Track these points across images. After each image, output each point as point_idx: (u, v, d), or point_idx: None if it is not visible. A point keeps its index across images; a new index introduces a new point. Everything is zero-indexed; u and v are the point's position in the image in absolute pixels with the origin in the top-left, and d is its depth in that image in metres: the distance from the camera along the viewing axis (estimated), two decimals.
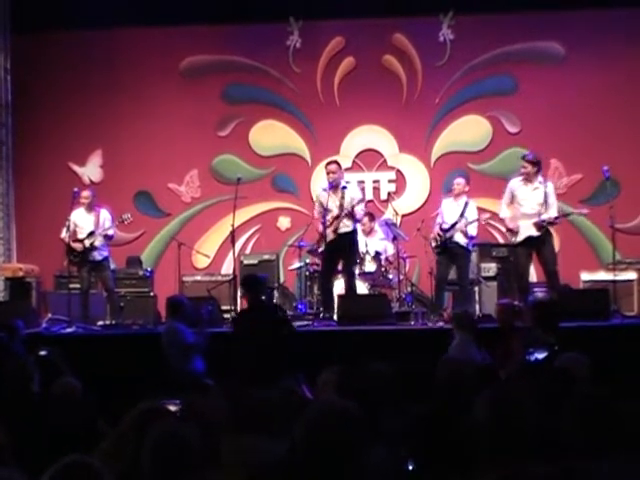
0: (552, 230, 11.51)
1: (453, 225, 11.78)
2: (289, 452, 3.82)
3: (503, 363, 8.26)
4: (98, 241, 12.13)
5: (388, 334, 10.73)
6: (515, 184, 11.57)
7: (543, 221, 11.26)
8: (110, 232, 12.22)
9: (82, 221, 12.27)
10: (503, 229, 12.76)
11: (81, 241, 12.11)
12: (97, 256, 12.18)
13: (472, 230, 11.91)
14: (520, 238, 11.36)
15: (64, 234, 12.19)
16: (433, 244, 11.94)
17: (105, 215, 12.34)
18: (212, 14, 14.49)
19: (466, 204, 11.92)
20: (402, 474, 4.01)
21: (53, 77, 15.05)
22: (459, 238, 11.82)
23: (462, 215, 11.81)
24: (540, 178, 11.49)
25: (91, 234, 12.11)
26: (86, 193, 12.44)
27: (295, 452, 3.67)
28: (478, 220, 12.00)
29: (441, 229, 11.84)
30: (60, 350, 8.03)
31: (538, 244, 11.33)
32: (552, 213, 11.39)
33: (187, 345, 9.50)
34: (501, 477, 2.90)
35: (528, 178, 11.43)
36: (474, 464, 3.23)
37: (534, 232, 11.31)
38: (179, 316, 9.75)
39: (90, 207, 12.32)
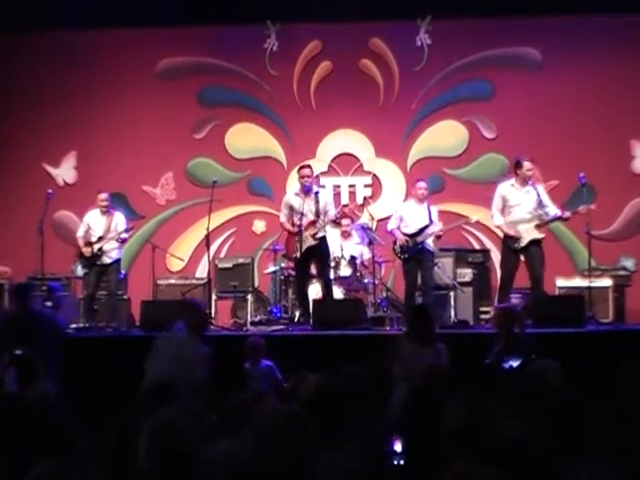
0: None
1: (422, 230, 11.68)
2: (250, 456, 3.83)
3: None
4: (107, 245, 12.10)
5: (363, 339, 10.70)
6: (506, 189, 11.48)
7: (551, 220, 11.42)
8: (123, 235, 12.23)
9: (95, 223, 12.29)
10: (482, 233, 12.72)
11: (91, 244, 12.11)
12: (106, 259, 12.16)
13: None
14: (524, 242, 11.26)
15: (80, 234, 12.28)
16: (398, 249, 11.79)
17: (118, 219, 12.34)
18: (189, 16, 14.40)
19: (429, 208, 11.83)
20: (380, 475, 4.02)
21: (27, 78, 14.94)
22: (430, 243, 11.75)
23: (431, 220, 11.72)
24: (529, 181, 11.44)
25: (100, 239, 12.06)
26: (103, 196, 12.37)
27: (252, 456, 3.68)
28: (467, 222, 12.13)
29: (407, 235, 11.71)
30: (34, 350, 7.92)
31: (529, 249, 11.28)
32: (552, 211, 11.37)
33: (205, 356, 8.05)
34: (454, 476, 2.91)
35: (522, 182, 11.36)
36: (445, 466, 3.25)
37: (537, 235, 11.27)
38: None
39: (106, 210, 12.31)
